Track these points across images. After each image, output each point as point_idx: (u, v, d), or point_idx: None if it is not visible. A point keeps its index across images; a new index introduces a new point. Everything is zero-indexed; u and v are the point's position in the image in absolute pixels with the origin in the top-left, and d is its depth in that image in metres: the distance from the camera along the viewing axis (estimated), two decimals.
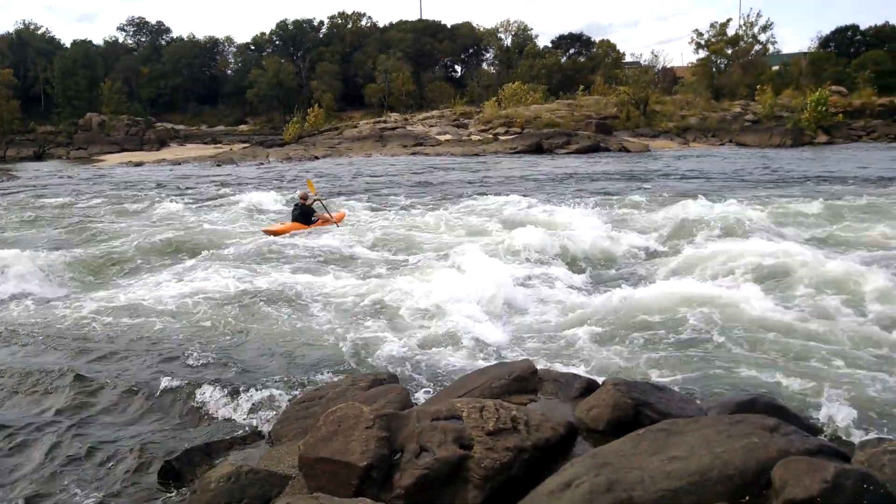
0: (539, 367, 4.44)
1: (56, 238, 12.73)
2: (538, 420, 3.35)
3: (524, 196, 16.17)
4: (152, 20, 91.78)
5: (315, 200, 13.77)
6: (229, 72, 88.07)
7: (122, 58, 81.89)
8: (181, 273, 9.21)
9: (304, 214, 13.40)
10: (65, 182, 26.06)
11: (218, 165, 34.37)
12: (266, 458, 3.89)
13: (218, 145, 53.86)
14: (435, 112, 55.91)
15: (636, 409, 3.50)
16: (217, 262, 9.75)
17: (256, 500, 3.33)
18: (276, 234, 12.58)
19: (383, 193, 19.21)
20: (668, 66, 64.16)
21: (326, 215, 13.75)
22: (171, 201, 17.38)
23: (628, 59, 70.65)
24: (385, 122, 52.51)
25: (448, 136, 45.74)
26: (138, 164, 37.04)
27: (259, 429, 4.62)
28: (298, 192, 14.54)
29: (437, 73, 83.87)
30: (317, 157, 37.73)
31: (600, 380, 4.07)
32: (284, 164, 33.53)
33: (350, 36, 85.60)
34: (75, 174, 30.68)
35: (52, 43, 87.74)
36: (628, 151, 35.19)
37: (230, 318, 7.07)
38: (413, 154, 38.44)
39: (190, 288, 8.18)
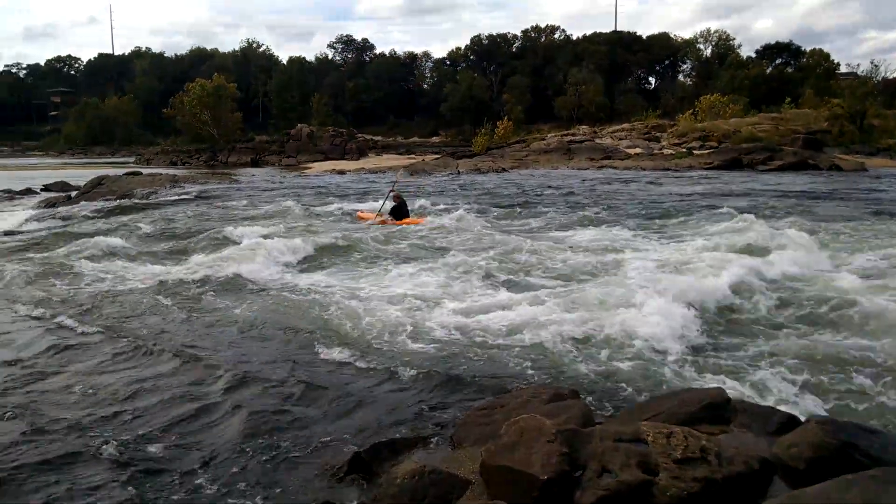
0: (732, 396, 4.19)
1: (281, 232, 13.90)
2: (730, 452, 3.16)
3: (725, 211, 15.33)
4: (359, 38, 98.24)
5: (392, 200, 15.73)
6: (425, 86, 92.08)
7: (330, 73, 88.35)
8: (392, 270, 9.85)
9: (396, 211, 15.32)
10: (276, 186, 28.49)
11: (411, 175, 35.94)
12: (447, 460, 4.00)
13: (412, 156, 56.37)
14: (625, 125, 54.72)
15: (843, 452, 3.19)
16: (414, 264, 10.27)
17: (438, 500, 3.43)
18: (365, 219, 15.54)
19: (568, 203, 19.06)
20: (891, 77, 58.00)
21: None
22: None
23: (843, 69, 64.87)
24: (573, 134, 52.21)
25: (638, 150, 44.53)
26: (340, 172, 39.69)
27: (441, 431, 4.76)
28: (393, 192, 16.29)
29: (629, 84, 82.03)
30: (504, 169, 38.29)
31: (802, 417, 3.76)
32: (472, 175, 34.34)
33: (542, 49, 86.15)
34: (286, 180, 33.49)
35: (271, 60, 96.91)
36: (840, 170, 32.15)
37: (435, 320, 7.38)
38: (600, 167, 37.83)
39: (401, 288, 8.71)
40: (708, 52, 79.32)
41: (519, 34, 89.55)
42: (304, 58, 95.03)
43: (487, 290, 8.85)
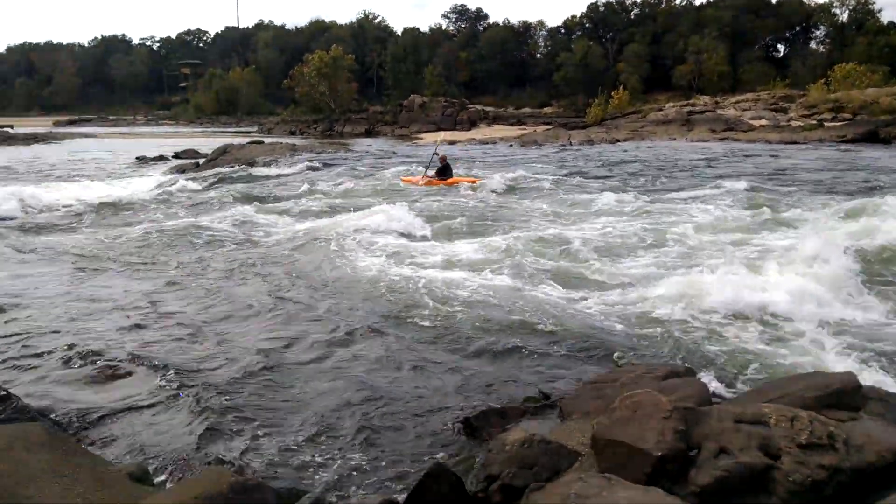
0: (864, 383, 3.95)
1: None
2: (861, 441, 2.99)
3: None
4: (472, 7, 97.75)
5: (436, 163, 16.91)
6: (538, 55, 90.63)
7: (444, 44, 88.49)
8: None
9: (441, 172, 16.42)
10: (390, 155, 29.00)
11: (522, 146, 35.64)
12: (556, 431, 4.00)
13: (523, 126, 55.84)
14: (750, 95, 51.90)
15: None
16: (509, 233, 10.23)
17: (546, 469, 3.44)
18: (411, 183, 16.40)
19: (687, 175, 18.36)
20: None
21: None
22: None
23: None
24: (693, 105, 50.04)
25: (763, 122, 42.18)
26: (451, 143, 39.89)
27: (550, 402, 4.77)
28: (439, 152, 17.71)
29: (755, 52, 77.48)
30: (618, 140, 37.29)
31: None
32: (585, 147, 33.65)
33: (662, 16, 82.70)
34: (398, 149, 34.05)
35: (386, 31, 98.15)
36: None
37: (542, 293, 7.37)
38: (721, 140, 36.13)
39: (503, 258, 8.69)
40: (844, 16, 73.66)
41: (638, 0, 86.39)
42: (418, 28, 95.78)
43: (597, 263, 8.70)
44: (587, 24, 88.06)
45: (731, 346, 5.70)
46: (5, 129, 51.92)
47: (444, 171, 16.50)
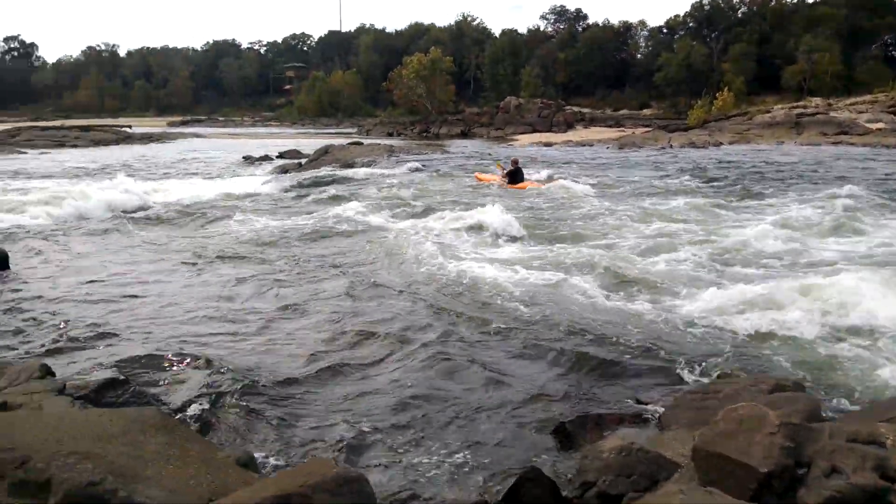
0: None
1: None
2: None
3: None
4: (571, 8, 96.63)
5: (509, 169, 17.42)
6: (638, 56, 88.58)
7: (541, 45, 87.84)
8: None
9: (513, 175, 16.98)
10: (484, 156, 29.09)
11: (620, 149, 34.97)
12: (655, 441, 3.93)
13: (621, 128, 54.74)
14: (867, 97, 48.90)
15: None
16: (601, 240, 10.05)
17: (645, 478, 3.39)
18: (483, 181, 17.35)
19: (800, 182, 17.52)
20: None
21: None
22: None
23: None
24: (804, 107, 47.64)
25: (881, 125, 39.72)
26: (547, 144, 39.59)
27: (647, 411, 4.68)
28: (511, 158, 18.46)
29: (872, 52, 72.92)
30: (721, 143, 35.99)
31: None
32: (687, 150, 32.67)
33: (771, 14, 79.09)
34: (493, 151, 34.08)
35: (484, 33, 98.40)
36: None
37: (640, 299, 7.24)
38: (834, 143, 34.28)
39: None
40: None
41: None
42: (516, 29, 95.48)
43: (695, 271, 8.45)
44: (691, 24, 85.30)
45: (844, 360, 5.42)
46: (124, 128, 55.38)
47: (515, 176, 17.00)
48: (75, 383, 4.64)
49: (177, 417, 4.34)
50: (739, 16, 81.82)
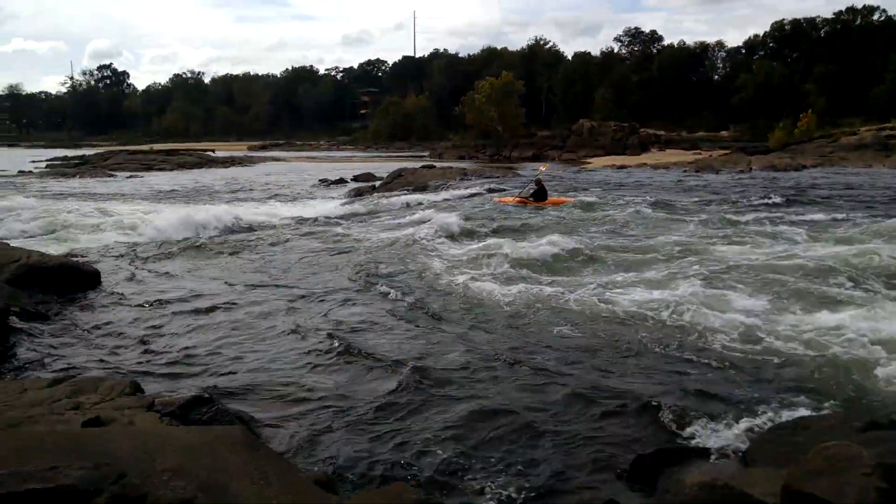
0: None
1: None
2: None
3: None
4: (647, 30, 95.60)
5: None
6: (715, 77, 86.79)
7: (615, 67, 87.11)
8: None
9: (537, 194, 17.96)
10: (560, 180, 28.94)
11: (696, 171, 34.22)
12: (740, 478, 3.79)
13: (697, 151, 53.58)
14: None
15: None
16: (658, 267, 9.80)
17: None
18: (506, 202, 18.19)
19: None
20: None
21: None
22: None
23: None
24: (893, 128, 45.57)
25: None
26: (621, 167, 39.09)
27: (730, 446, 4.54)
28: (539, 172, 20.19)
29: None
30: (804, 167, 34.75)
31: None
32: (766, 173, 31.69)
33: (857, 33, 76.25)
34: (566, 174, 33.89)
35: (556, 56, 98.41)
36: None
37: (712, 326, 7.04)
38: None
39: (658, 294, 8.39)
40: None
41: (829, 17, 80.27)
42: (588, 52, 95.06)
43: (783, 299, 8.15)
44: (771, 44, 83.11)
45: None
46: (208, 152, 57.68)
47: (540, 194, 18.08)
48: (163, 400, 4.83)
49: (259, 436, 4.46)
50: (822, 35, 79.22)
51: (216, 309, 8.27)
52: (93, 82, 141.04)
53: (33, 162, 50.29)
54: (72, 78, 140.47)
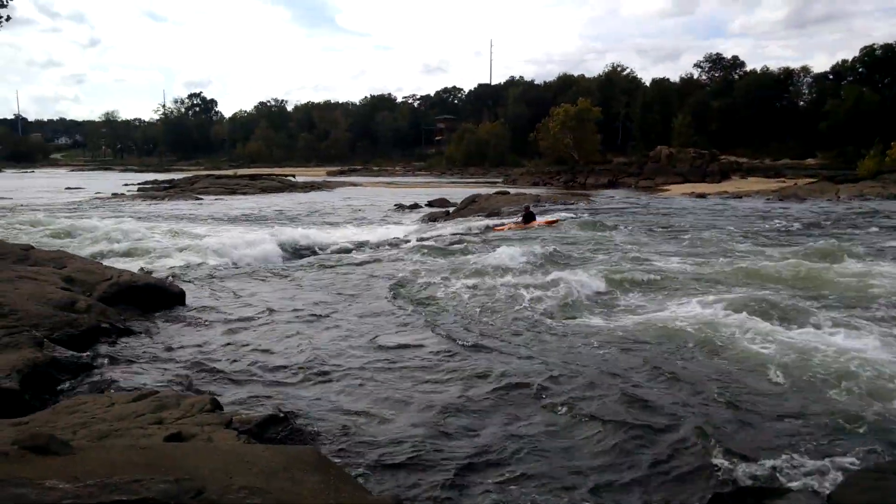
0: None
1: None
2: None
3: None
4: (729, 56, 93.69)
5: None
6: (801, 103, 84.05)
7: (694, 93, 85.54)
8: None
9: (526, 218, 20.56)
10: (636, 207, 28.50)
11: (780, 200, 33.11)
12: None
13: (781, 179, 51.83)
14: None
15: None
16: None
17: None
18: (500, 230, 19.77)
19: None
20: None
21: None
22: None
23: None
24: None
25: None
26: (700, 195, 38.19)
27: (814, 486, 4.33)
28: (524, 206, 22.55)
29: None
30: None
31: None
32: (855, 202, 30.36)
33: None
34: (641, 201, 33.35)
35: (634, 82, 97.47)
36: None
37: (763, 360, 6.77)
38: None
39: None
40: None
41: None
42: (667, 78, 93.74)
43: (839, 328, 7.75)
44: (860, 69, 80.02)
45: None
46: (289, 177, 59.50)
47: (528, 218, 20.61)
48: (240, 418, 4.97)
49: (332, 458, 4.52)
50: None
51: (292, 328, 8.48)
52: (183, 109, 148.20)
53: (126, 185, 53.06)
54: (164, 105, 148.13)
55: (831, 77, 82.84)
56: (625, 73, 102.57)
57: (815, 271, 11.61)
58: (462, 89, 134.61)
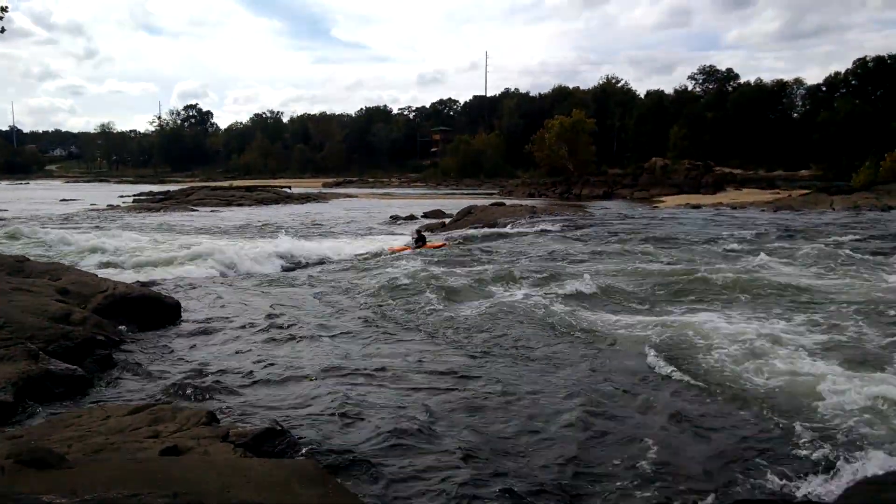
0: None
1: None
2: None
3: None
4: (723, 68, 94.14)
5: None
6: (794, 115, 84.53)
7: (688, 105, 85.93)
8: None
9: (418, 240, 20.01)
10: (630, 219, 28.55)
11: (774, 212, 33.21)
12: None
13: (775, 191, 52.03)
14: None
15: None
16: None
17: None
18: (396, 251, 19.10)
19: None
20: None
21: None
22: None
23: None
24: None
25: None
26: (695, 207, 38.29)
27: (815, 496, 4.32)
28: (415, 230, 22.01)
29: None
30: (891, 207, 33.27)
31: None
32: (850, 213, 30.49)
33: None
34: (637, 212, 33.41)
35: (628, 94, 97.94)
36: None
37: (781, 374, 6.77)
38: None
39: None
40: None
41: None
42: (662, 90, 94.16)
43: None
44: (853, 81, 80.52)
45: None
46: (284, 189, 59.49)
47: (420, 240, 20.27)
48: (237, 431, 4.93)
49: (330, 471, 4.49)
50: None
51: (290, 341, 8.44)
52: (179, 121, 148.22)
53: (121, 197, 52.98)
54: (160, 117, 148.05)
55: (824, 89, 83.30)
56: (619, 84, 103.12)
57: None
58: (458, 101, 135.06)
